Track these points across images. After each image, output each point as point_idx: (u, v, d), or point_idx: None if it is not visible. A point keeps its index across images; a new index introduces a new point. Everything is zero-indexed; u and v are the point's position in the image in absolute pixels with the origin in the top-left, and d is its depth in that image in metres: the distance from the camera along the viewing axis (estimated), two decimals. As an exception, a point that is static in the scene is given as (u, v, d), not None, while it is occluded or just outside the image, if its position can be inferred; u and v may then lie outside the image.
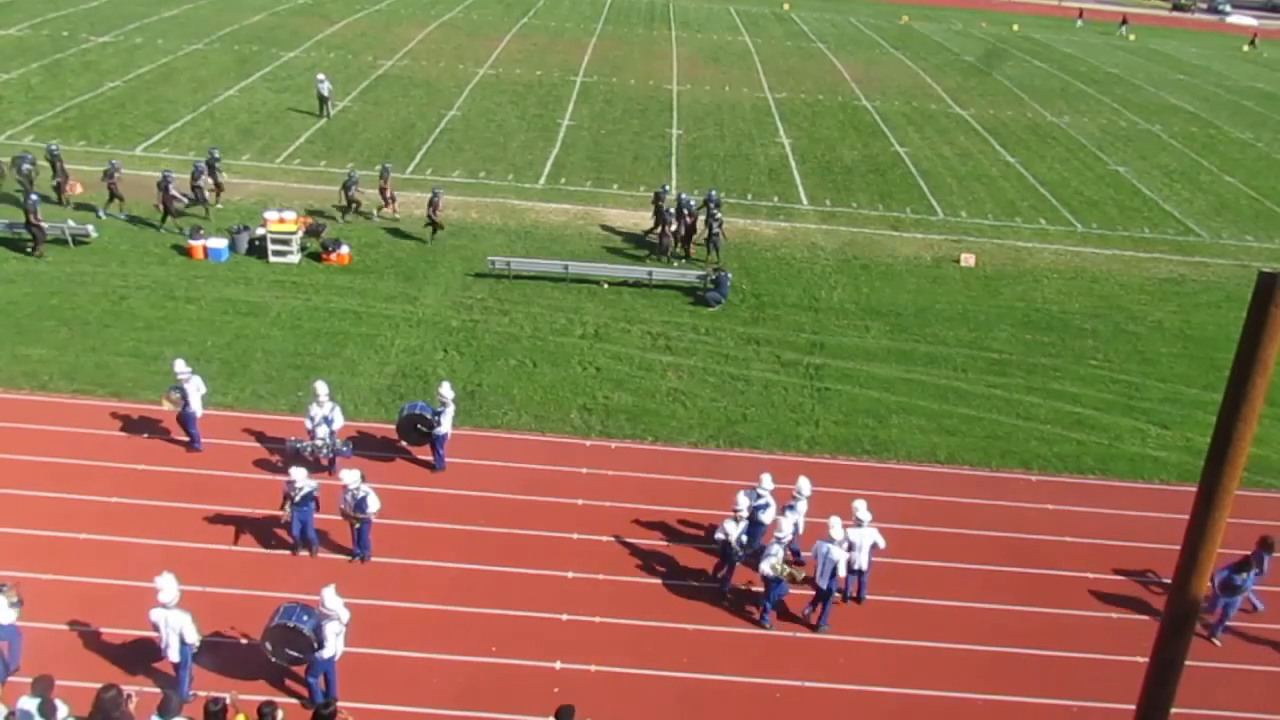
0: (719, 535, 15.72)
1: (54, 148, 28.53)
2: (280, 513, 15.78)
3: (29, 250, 25.17)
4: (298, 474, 15.34)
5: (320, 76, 37.75)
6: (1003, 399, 22.34)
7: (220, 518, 16.56)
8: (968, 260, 29.56)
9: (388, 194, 28.87)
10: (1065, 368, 23.97)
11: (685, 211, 28.05)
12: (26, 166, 27.75)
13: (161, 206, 26.90)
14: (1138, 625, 15.98)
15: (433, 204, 27.27)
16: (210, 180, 28.49)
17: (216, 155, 29.19)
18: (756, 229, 30.53)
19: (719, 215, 27.88)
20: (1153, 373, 24.11)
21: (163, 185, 26.72)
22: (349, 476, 15.37)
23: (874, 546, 15.53)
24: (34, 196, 25.21)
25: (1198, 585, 5.33)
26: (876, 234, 31.35)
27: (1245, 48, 71.04)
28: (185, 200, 27.38)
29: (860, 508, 15.53)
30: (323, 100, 37.26)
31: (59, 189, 28.12)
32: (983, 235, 31.82)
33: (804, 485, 16.36)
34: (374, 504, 15.42)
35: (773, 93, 47.26)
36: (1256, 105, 53.19)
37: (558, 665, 14.33)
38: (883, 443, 20.35)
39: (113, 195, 27.50)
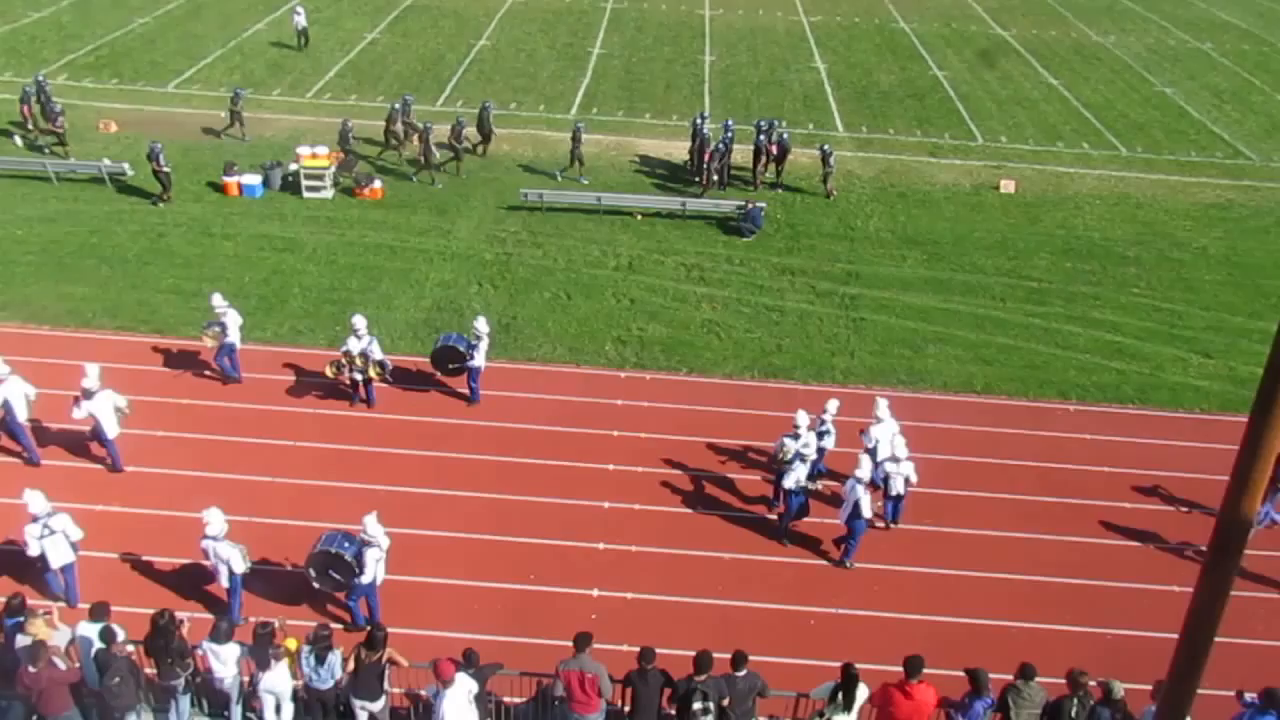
0: (780, 453, 15.62)
1: (41, 79, 28.49)
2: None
3: (155, 201, 25.15)
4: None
5: (298, 9, 37.07)
6: (1041, 328, 22.06)
7: (262, 449, 16.88)
8: (1007, 186, 28.99)
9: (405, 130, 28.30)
10: (1106, 296, 23.58)
11: (777, 139, 27.90)
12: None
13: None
14: (1175, 555, 15.94)
15: (455, 133, 27.23)
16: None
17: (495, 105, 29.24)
18: (791, 157, 30.01)
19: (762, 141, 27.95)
20: (1196, 300, 23.66)
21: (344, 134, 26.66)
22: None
23: (894, 486, 15.52)
24: (157, 144, 25.01)
25: (1248, 505, 5.23)
26: (914, 161, 30.79)
27: None
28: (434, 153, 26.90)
29: (880, 405, 15.98)
30: (299, 33, 36.71)
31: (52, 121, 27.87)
32: (1023, 161, 31.14)
33: (830, 406, 16.65)
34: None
35: (807, 16, 46.16)
36: (1312, 21, 51.19)
37: (595, 593, 14.57)
38: (919, 373, 20.23)
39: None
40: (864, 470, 14.81)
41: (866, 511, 14.82)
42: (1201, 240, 26.72)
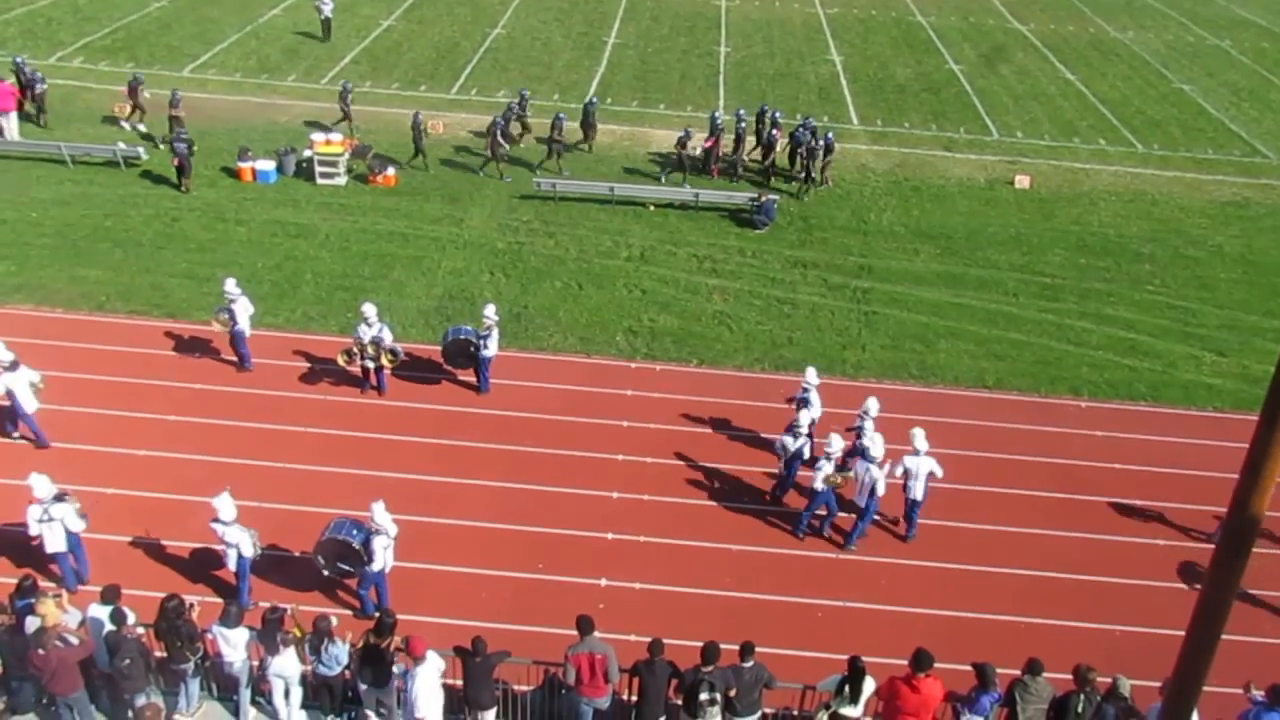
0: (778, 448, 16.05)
1: (19, 60, 28.56)
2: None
3: (180, 188, 25.07)
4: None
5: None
6: (1054, 324, 21.97)
7: (272, 435, 16.94)
8: (1022, 182, 28.85)
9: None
10: (1120, 293, 23.46)
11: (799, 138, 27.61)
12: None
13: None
14: (1185, 553, 15.87)
15: (556, 128, 26.98)
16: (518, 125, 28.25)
17: (526, 95, 29.36)
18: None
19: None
20: (1211, 298, 23.53)
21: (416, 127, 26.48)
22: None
23: (930, 474, 15.24)
24: (183, 132, 24.87)
25: (1258, 504, 5.22)
26: (928, 155, 30.66)
27: None
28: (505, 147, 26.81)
29: (918, 436, 15.36)
30: (324, 23, 36.52)
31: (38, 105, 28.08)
32: (1038, 156, 30.97)
33: (810, 375, 16.88)
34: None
35: (824, 8, 45.95)
36: (1334, 18, 50.73)
37: (603, 582, 14.60)
38: (930, 367, 20.18)
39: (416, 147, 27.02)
40: (876, 449, 15.04)
41: (881, 489, 14.99)
42: (1217, 238, 26.56)
